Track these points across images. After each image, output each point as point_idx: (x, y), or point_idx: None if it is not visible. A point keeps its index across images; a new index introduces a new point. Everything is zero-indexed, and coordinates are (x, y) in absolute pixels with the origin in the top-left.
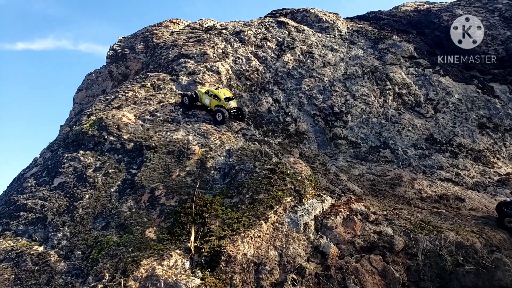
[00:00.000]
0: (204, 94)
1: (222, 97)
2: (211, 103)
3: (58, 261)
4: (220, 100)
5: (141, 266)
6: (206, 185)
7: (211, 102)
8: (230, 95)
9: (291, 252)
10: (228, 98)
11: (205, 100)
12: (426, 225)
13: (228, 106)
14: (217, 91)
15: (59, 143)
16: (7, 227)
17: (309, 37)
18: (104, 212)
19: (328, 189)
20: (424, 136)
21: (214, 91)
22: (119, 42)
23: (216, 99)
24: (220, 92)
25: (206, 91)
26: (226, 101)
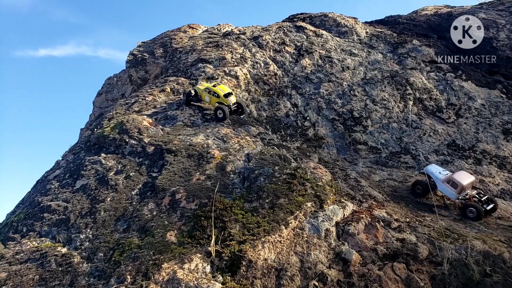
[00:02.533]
0: (204, 92)
1: (221, 93)
2: (211, 100)
3: (81, 262)
4: (220, 97)
5: (163, 269)
6: (226, 189)
7: (211, 100)
8: (229, 91)
9: (312, 258)
10: (227, 94)
11: (205, 97)
12: (451, 233)
13: (228, 102)
14: (215, 88)
15: (81, 146)
16: (31, 228)
17: (328, 42)
18: (126, 214)
19: (349, 195)
20: (446, 141)
21: (213, 88)
22: (139, 47)
23: (216, 96)
24: (219, 89)
25: (205, 88)
26: (226, 97)
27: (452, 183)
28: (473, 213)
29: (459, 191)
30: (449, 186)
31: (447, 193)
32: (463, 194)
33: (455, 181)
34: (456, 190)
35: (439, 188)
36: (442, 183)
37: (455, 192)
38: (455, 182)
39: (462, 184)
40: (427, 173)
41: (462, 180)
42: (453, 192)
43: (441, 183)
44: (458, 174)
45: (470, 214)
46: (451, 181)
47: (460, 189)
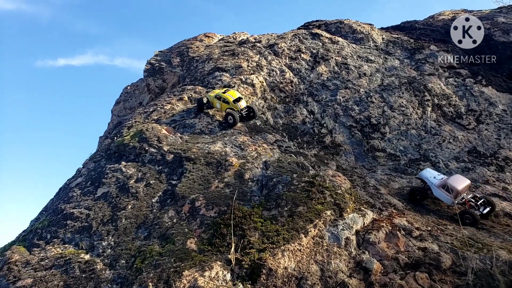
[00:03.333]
0: (215, 99)
1: (231, 99)
2: (221, 107)
3: (103, 269)
4: (230, 103)
5: (184, 277)
6: (244, 197)
7: (222, 106)
8: (239, 96)
9: (333, 267)
10: (237, 100)
11: (216, 104)
12: (474, 242)
13: (238, 107)
14: (225, 95)
15: (101, 154)
16: (55, 234)
17: (344, 48)
18: (146, 222)
19: (369, 203)
20: (467, 148)
21: (223, 95)
22: (156, 56)
23: (226, 102)
24: (229, 95)
25: (216, 95)
26: (236, 102)
27: (447, 188)
28: (469, 220)
29: (454, 195)
30: (444, 191)
31: (443, 198)
32: (459, 198)
33: (450, 186)
34: (452, 195)
35: (435, 193)
36: (437, 188)
37: (450, 197)
38: (450, 187)
39: (457, 189)
40: (422, 178)
41: (457, 185)
42: (448, 197)
43: (436, 188)
44: (453, 179)
45: (467, 221)
46: (446, 186)
47: (455, 194)
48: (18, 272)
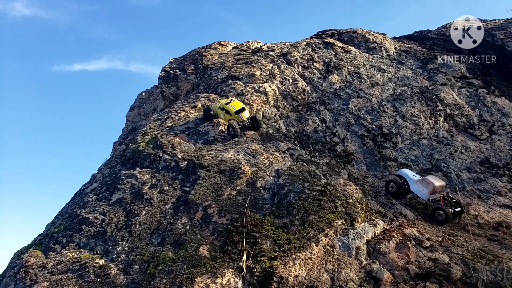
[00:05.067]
0: (219, 109)
1: (233, 111)
2: (225, 117)
3: (118, 274)
4: (232, 114)
5: (196, 283)
6: (256, 205)
7: (225, 117)
8: (241, 107)
9: (343, 277)
10: (238, 111)
11: (220, 114)
12: (485, 254)
13: (240, 119)
14: (227, 106)
15: (116, 160)
16: (71, 239)
17: (356, 58)
18: (160, 228)
19: (380, 213)
20: (479, 159)
21: (226, 106)
22: (170, 63)
23: (228, 114)
24: (231, 106)
25: (220, 106)
26: (237, 114)
27: (425, 183)
28: (441, 216)
29: (431, 191)
30: (422, 187)
31: (419, 194)
32: (434, 195)
33: (428, 181)
34: (428, 190)
35: (412, 189)
36: (415, 184)
37: (427, 192)
38: (428, 182)
39: (434, 185)
40: (401, 174)
41: (435, 181)
42: (425, 192)
43: (414, 184)
44: (432, 176)
45: (439, 217)
46: (424, 181)
47: (432, 189)
48: (35, 276)
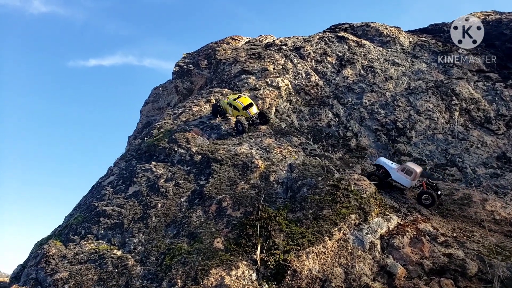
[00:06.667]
0: (227, 105)
1: (241, 106)
2: (233, 113)
3: (135, 265)
4: (239, 110)
5: (211, 275)
6: (270, 199)
7: (233, 113)
8: (249, 102)
9: (357, 271)
10: (246, 107)
11: (228, 110)
12: (502, 250)
13: (247, 115)
14: (235, 102)
15: (132, 154)
16: (89, 230)
17: (370, 52)
18: (175, 220)
19: (394, 208)
20: (495, 154)
21: (233, 102)
22: (184, 58)
23: (236, 110)
24: (239, 102)
25: (228, 102)
26: (245, 109)
27: (407, 170)
28: (428, 200)
29: (413, 178)
30: (403, 174)
31: (402, 181)
32: (416, 181)
33: (409, 168)
34: (411, 177)
35: (393, 177)
36: (397, 172)
37: (409, 179)
38: (410, 169)
39: (416, 171)
40: (380, 164)
41: (416, 168)
42: (407, 179)
43: (396, 172)
44: (411, 163)
45: (426, 201)
46: (406, 168)
47: (414, 176)
48: (55, 265)
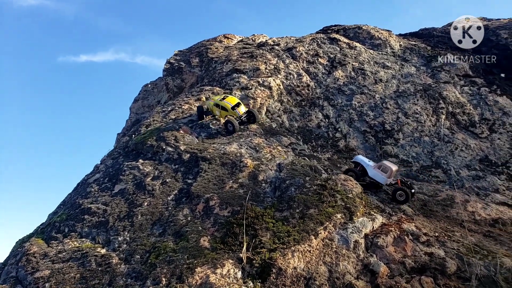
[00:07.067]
0: (214, 106)
1: (229, 106)
2: (221, 114)
3: (119, 263)
4: (228, 110)
5: (196, 273)
6: (257, 198)
7: (221, 113)
8: (237, 102)
9: (341, 269)
10: (234, 106)
11: (215, 111)
12: (480, 249)
13: (237, 114)
14: (223, 102)
15: (119, 151)
16: (73, 228)
17: (361, 54)
18: (162, 219)
19: (379, 208)
20: (479, 157)
21: (221, 102)
22: (175, 55)
23: (225, 110)
24: (226, 102)
25: (214, 103)
26: (234, 109)
27: (383, 168)
28: (402, 196)
29: (389, 175)
30: (380, 172)
31: (378, 178)
32: (392, 179)
33: (386, 166)
34: (387, 175)
35: (370, 174)
36: (373, 169)
37: (385, 176)
38: (386, 167)
39: (392, 169)
40: (358, 161)
41: (392, 166)
42: (383, 176)
43: (372, 169)
44: (387, 162)
45: (400, 198)
46: (382, 166)
47: (390, 174)
48: (37, 264)
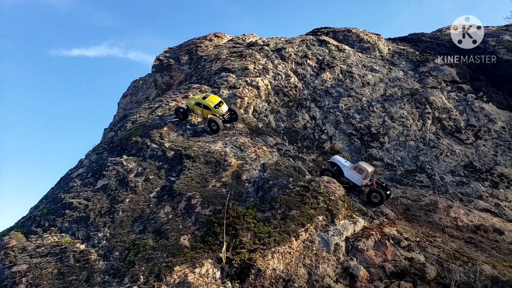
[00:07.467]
0: (195, 106)
1: (212, 105)
2: (203, 113)
3: (97, 260)
4: (211, 109)
5: (174, 272)
6: (240, 197)
7: (204, 112)
8: (219, 100)
9: (320, 272)
10: (218, 105)
11: (197, 110)
12: (460, 255)
13: (220, 113)
14: (205, 101)
15: (104, 147)
16: (53, 223)
17: (350, 57)
18: (143, 216)
19: (361, 211)
20: (463, 162)
21: (203, 101)
22: (165, 52)
23: (207, 109)
24: (209, 101)
25: (196, 102)
26: (217, 108)
27: (359, 169)
28: (376, 198)
29: (364, 176)
30: (355, 173)
31: (354, 179)
32: (366, 181)
33: (361, 167)
34: (362, 176)
35: (346, 175)
36: (349, 170)
37: (361, 177)
38: (362, 168)
39: (367, 170)
40: (335, 161)
41: (368, 167)
42: (359, 178)
43: (348, 170)
44: (363, 162)
45: (374, 199)
46: (358, 167)
47: (365, 175)
48: (15, 258)
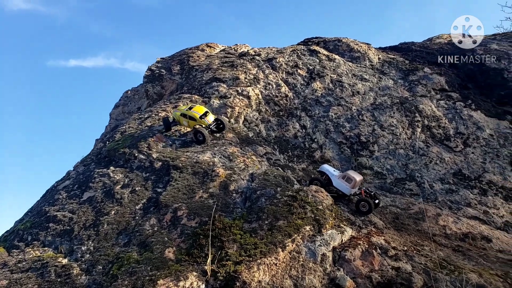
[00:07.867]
0: (181, 117)
1: (197, 116)
2: (189, 124)
3: (80, 274)
4: (197, 119)
5: (158, 286)
6: (227, 208)
7: (189, 123)
8: (205, 111)
9: (306, 283)
10: (203, 115)
11: (183, 122)
12: (447, 264)
13: (206, 123)
14: (190, 112)
15: (92, 158)
16: (36, 237)
17: (340, 66)
18: (128, 228)
19: (349, 220)
20: (452, 170)
21: (189, 112)
22: (157, 62)
23: (193, 120)
24: (194, 112)
25: (181, 114)
26: (202, 118)
27: (347, 178)
28: (365, 207)
29: (352, 185)
30: (344, 182)
31: (342, 188)
32: (356, 189)
33: (350, 176)
34: (350, 185)
35: (335, 184)
36: (338, 179)
37: (349, 187)
38: (350, 177)
39: (356, 179)
40: (323, 171)
41: (356, 176)
42: (347, 187)
43: (337, 179)
44: (352, 172)
45: (363, 208)
46: (346, 176)
47: (353, 184)
48: None
